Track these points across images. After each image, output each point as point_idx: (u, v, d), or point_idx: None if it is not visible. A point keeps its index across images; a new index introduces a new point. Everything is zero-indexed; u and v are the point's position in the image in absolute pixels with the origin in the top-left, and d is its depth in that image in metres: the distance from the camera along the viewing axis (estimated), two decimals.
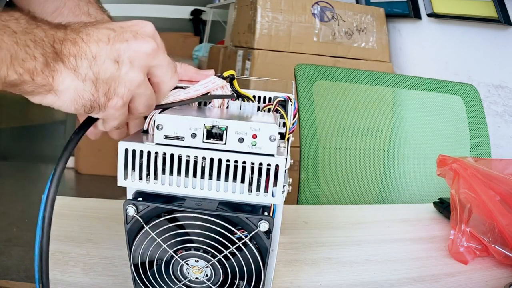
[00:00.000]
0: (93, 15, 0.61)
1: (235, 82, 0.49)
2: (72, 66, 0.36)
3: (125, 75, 0.38)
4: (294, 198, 1.01)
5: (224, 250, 0.41)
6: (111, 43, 0.38)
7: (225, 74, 0.48)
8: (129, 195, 0.42)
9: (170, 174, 0.40)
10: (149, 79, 0.41)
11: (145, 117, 0.44)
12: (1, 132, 3.23)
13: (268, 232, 0.40)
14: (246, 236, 0.40)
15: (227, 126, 0.39)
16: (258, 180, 0.40)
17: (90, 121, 0.41)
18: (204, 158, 0.39)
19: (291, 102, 0.49)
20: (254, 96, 0.51)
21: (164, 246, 0.41)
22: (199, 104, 0.49)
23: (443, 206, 0.83)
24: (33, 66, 0.35)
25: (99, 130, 0.45)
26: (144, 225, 0.41)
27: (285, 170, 0.41)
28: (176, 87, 0.46)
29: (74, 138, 0.39)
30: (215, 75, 0.49)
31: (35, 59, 0.35)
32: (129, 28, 0.39)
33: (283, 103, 0.49)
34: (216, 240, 0.41)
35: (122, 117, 0.41)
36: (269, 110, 0.50)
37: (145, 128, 0.44)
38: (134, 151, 0.40)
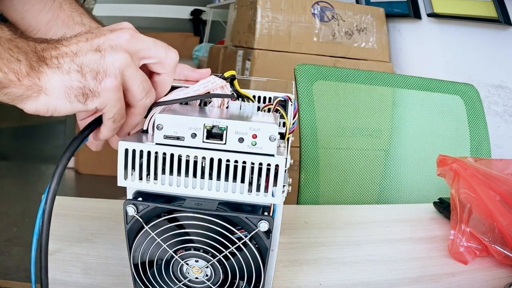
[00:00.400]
0: (87, 25, 0.61)
1: (235, 82, 0.49)
2: (55, 65, 0.37)
3: (110, 57, 0.39)
4: (294, 198, 1.01)
5: (224, 250, 0.41)
6: (90, 40, 0.39)
7: (226, 74, 0.48)
8: (129, 195, 0.42)
9: (170, 174, 0.40)
10: (143, 69, 0.42)
11: (145, 117, 0.44)
12: (1, 132, 3.23)
13: (268, 232, 0.40)
14: (246, 236, 0.40)
15: (227, 126, 0.39)
16: (258, 180, 0.40)
17: (98, 121, 0.41)
18: (204, 158, 0.39)
19: (291, 102, 0.49)
20: (254, 96, 0.51)
21: (164, 246, 0.41)
22: (199, 104, 0.49)
23: (443, 206, 0.83)
24: (18, 68, 0.36)
25: (100, 140, 0.44)
26: (144, 225, 0.41)
27: (285, 170, 0.41)
28: (176, 87, 0.46)
29: (79, 137, 0.40)
30: (215, 75, 0.49)
31: (19, 61, 0.36)
32: (106, 28, 0.41)
33: (283, 103, 0.49)
34: (216, 240, 0.41)
35: (120, 105, 0.41)
36: (269, 110, 0.50)
37: (145, 128, 0.44)
38: (134, 151, 0.40)
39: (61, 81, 0.37)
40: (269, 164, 0.39)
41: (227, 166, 0.39)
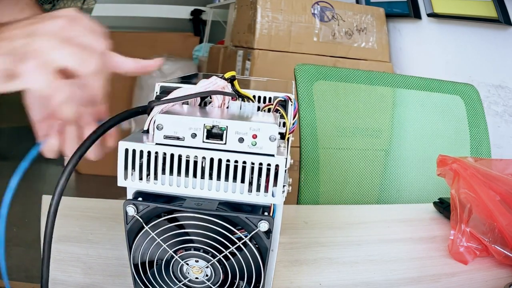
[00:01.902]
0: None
1: (235, 83, 0.49)
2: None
3: (37, 42, 0.38)
4: (294, 198, 1.01)
5: (224, 250, 0.41)
6: (28, 26, 0.39)
7: (227, 75, 0.48)
8: (129, 195, 0.42)
9: (170, 174, 0.40)
10: None
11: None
12: (1, 132, 3.23)
13: (268, 232, 0.40)
14: (246, 236, 0.40)
15: (227, 126, 0.39)
16: (258, 180, 0.40)
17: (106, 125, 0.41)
18: (204, 158, 0.39)
19: (291, 102, 0.49)
20: (254, 96, 0.51)
21: (164, 246, 0.41)
22: (199, 104, 0.49)
23: (443, 206, 0.83)
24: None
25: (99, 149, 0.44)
26: (144, 225, 0.41)
27: (285, 170, 0.41)
28: (175, 87, 0.46)
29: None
30: (216, 75, 0.49)
31: None
32: (49, 14, 0.40)
33: (283, 103, 0.49)
34: (216, 240, 0.41)
35: (60, 87, 0.39)
36: (269, 110, 0.50)
37: (145, 128, 0.44)
38: (134, 151, 0.40)
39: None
40: (269, 164, 0.39)
41: (227, 166, 0.39)
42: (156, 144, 0.40)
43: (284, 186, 0.40)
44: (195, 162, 0.40)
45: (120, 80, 2.25)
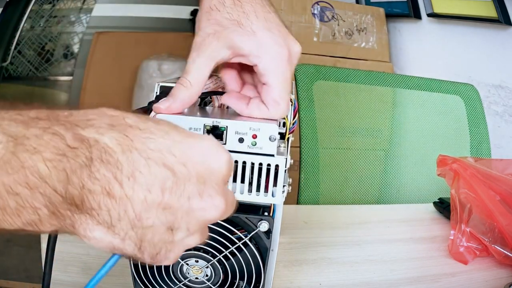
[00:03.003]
0: None
1: None
2: (103, 222, 0.25)
3: (180, 242, 0.28)
4: (294, 198, 1.01)
5: (224, 250, 0.41)
6: (165, 201, 0.26)
7: None
8: None
9: None
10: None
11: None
12: None
13: (268, 232, 0.40)
14: (246, 236, 0.40)
15: (227, 126, 0.39)
16: (258, 180, 0.40)
17: None
18: None
19: (291, 102, 0.49)
20: None
21: None
22: (199, 104, 0.49)
23: (443, 206, 0.83)
24: (36, 219, 0.24)
25: None
26: None
27: (285, 170, 0.41)
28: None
29: None
30: (217, 75, 0.49)
31: (35, 211, 0.24)
32: (195, 169, 0.27)
33: None
34: (216, 240, 0.41)
35: None
36: None
37: None
38: None
39: (109, 241, 0.26)
40: (269, 164, 0.39)
41: None
42: None
43: (284, 186, 0.40)
44: None
45: (120, 80, 2.25)
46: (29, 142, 0.23)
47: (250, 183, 0.40)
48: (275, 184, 0.39)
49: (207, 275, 0.43)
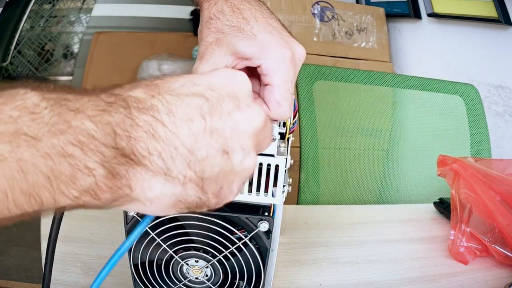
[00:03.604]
0: None
1: None
2: (159, 169, 0.25)
3: (239, 166, 0.28)
4: (294, 198, 1.01)
5: (224, 250, 0.41)
6: (209, 125, 0.26)
7: None
8: None
9: None
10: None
11: None
12: None
13: (268, 232, 0.40)
14: (246, 236, 0.40)
15: None
16: (258, 180, 0.40)
17: None
18: None
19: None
20: None
21: (164, 246, 0.41)
22: None
23: (443, 206, 0.83)
24: (93, 182, 0.24)
25: None
26: None
27: (285, 170, 0.41)
28: None
29: None
30: None
31: (90, 172, 0.24)
32: (223, 90, 0.28)
33: None
34: (216, 240, 0.41)
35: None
36: None
37: None
38: None
39: (171, 193, 0.26)
40: (269, 165, 0.39)
41: None
42: None
43: (284, 186, 0.40)
44: None
45: (120, 80, 2.25)
46: (70, 103, 0.24)
47: (250, 183, 0.40)
48: (275, 184, 0.39)
49: (207, 275, 0.43)
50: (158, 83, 0.27)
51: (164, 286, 0.44)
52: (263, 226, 0.40)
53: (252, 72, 0.42)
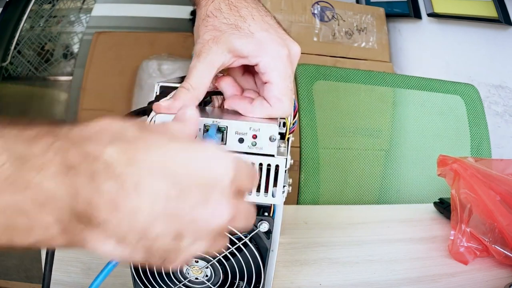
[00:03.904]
0: None
1: None
2: (112, 235, 0.25)
3: (187, 249, 0.27)
4: (294, 198, 1.01)
5: (224, 251, 0.41)
6: (171, 210, 0.25)
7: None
8: None
9: None
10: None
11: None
12: None
13: (268, 233, 0.40)
14: (246, 237, 0.40)
15: (227, 126, 0.39)
16: (258, 180, 0.40)
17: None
18: None
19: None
20: None
21: None
22: (199, 104, 0.49)
23: (443, 206, 0.83)
24: (48, 235, 0.25)
25: None
26: None
27: (285, 170, 0.41)
28: (175, 87, 0.46)
29: None
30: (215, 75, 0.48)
31: (47, 229, 0.24)
32: (198, 176, 0.26)
33: None
34: None
35: None
36: None
37: None
38: None
39: (121, 253, 0.26)
40: (269, 165, 0.39)
41: None
42: None
43: (284, 186, 0.40)
44: None
45: (120, 80, 2.25)
46: (34, 159, 0.23)
47: None
48: (275, 185, 0.39)
49: (207, 275, 0.43)
50: (137, 146, 0.26)
51: (164, 286, 0.44)
52: (263, 226, 0.40)
53: (249, 69, 0.42)
